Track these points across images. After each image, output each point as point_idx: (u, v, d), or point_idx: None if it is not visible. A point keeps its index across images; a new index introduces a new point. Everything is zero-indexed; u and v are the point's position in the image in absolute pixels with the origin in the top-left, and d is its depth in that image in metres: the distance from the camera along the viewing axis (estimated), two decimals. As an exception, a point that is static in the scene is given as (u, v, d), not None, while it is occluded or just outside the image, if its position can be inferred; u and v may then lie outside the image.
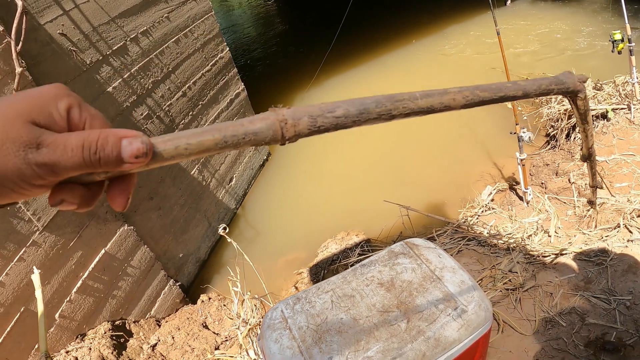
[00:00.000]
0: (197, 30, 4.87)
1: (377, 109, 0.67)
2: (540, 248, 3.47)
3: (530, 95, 0.85)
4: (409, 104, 0.70)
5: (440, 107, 0.73)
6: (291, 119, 0.61)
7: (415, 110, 0.71)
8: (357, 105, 0.66)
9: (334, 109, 0.64)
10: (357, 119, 0.66)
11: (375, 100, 0.68)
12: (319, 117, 0.63)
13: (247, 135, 0.58)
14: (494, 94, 0.79)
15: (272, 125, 0.60)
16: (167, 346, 3.53)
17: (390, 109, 0.69)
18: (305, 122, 0.62)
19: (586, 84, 0.95)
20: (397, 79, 7.61)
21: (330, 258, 4.36)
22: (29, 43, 3.03)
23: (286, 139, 0.61)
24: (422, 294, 1.77)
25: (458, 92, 0.76)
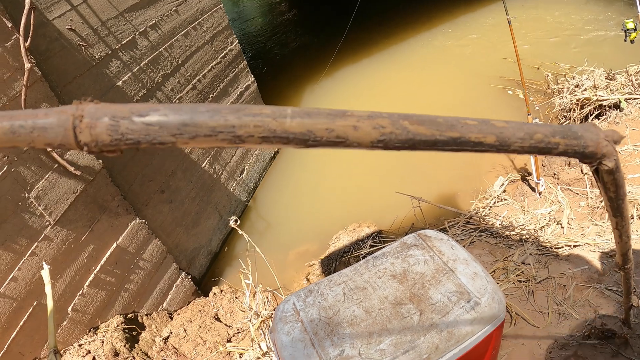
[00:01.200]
0: (206, 23, 4.86)
1: (210, 121, 0.47)
2: (553, 239, 3.44)
3: (512, 147, 0.55)
4: (268, 122, 0.48)
5: (327, 137, 0.49)
6: (89, 117, 0.46)
7: (278, 134, 0.48)
8: (182, 113, 0.47)
9: (147, 112, 0.47)
10: (179, 133, 0.47)
11: (212, 110, 0.48)
12: (124, 120, 0.46)
13: (35, 130, 0.46)
14: (437, 132, 0.52)
15: (64, 122, 0.46)
16: (179, 339, 3.55)
17: (233, 126, 0.47)
18: (104, 125, 0.46)
19: (618, 145, 0.45)
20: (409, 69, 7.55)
21: (341, 250, 4.36)
22: (38, 39, 3.04)
23: (82, 144, 0.47)
24: (434, 286, 1.75)
25: (366, 117, 0.50)
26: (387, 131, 0.50)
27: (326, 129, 0.49)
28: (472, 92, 6.26)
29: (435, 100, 6.48)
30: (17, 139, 0.46)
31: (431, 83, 7.00)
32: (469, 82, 6.55)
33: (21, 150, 2.81)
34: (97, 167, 3.31)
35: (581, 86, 4.89)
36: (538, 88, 5.85)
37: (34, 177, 2.89)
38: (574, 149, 0.58)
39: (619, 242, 0.80)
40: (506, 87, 6.06)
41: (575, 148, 0.57)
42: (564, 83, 5.23)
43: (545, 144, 0.55)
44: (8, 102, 2.73)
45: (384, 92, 7.12)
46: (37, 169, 2.92)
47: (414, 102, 6.60)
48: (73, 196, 3.14)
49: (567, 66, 5.85)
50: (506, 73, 6.34)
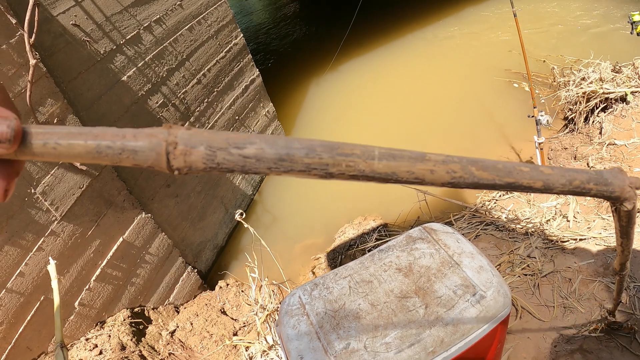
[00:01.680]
0: (210, 17, 4.86)
1: (306, 158, 0.50)
2: (558, 233, 3.43)
3: (555, 191, 0.63)
4: (359, 163, 0.51)
5: (407, 178, 0.54)
6: (183, 144, 0.48)
7: (366, 174, 0.52)
8: (278, 148, 0.49)
9: (244, 144, 0.49)
10: (274, 167, 0.49)
11: (307, 147, 0.50)
12: (221, 151, 0.48)
13: (125, 152, 0.47)
14: (497, 178, 0.58)
15: (156, 147, 0.47)
16: (185, 332, 3.57)
17: (327, 164, 0.51)
18: (200, 154, 0.48)
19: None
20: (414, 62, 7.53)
21: (347, 243, 4.36)
22: (42, 35, 3.05)
23: (174, 169, 0.48)
24: (440, 279, 1.75)
25: (441, 162, 0.55)
26: (457, 175, 0.56)
27: (407, 171, 0.54)
28: (477, 85, 6.24)
29: (440, 93, 6.46)
30: (102, 159, 0.47)
31: (436, 76, 6.98)
32: (475, 75, 6.52)
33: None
34: (103, 162, 3.32)
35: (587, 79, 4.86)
36: (544, 81, 5.82)
37: (39, 173, 2.90)
38: (603, 194, 0.68)
39: (620, 255, 0.93)
40: (512, 79, 6.04)
41: (604, 193, 0.68)
42: (570, 76, 5.20)
43: (581, 189, 0.65)
44: (13, 98, 2.74)
45: (390, 85, 7.11)
46: (43, 165, 2.93)
47: (419, 96, 6.59)
48: (79, 191, 3.16)
49: (573, 59, 5.82)
50: (512, 66, 6.31)
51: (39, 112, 2.89)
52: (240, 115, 5.36)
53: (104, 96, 3.55)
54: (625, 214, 0.75)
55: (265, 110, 5.94)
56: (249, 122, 5.56)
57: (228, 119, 5.13)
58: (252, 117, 5.63)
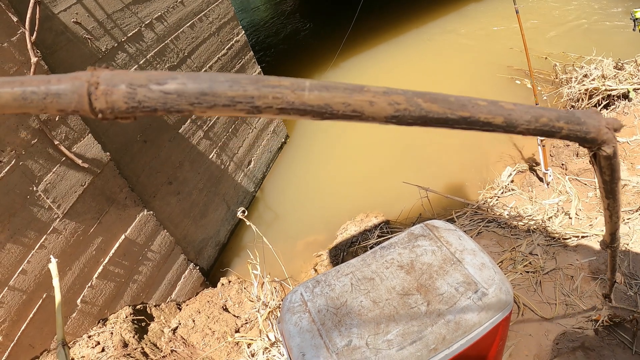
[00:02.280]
0: (211, 14, 4.85)
1: (229, 91, 0.47)
2: (560, 230, 3.43)
3: (518, 129, 0.57)
4: (286, 94, 0.48)
5: (342, 111, 0.49)
6: (105, 84, 0.46)
7: (296, 106, 0.48)
8: (201, 82, 0.47)
9: (165, 80, 0.47)
10: (197, 102, 0.47)
11: (231, 80, 0.48)
12: (141, 88, 0.46)
13: (49, 96, 0.45)
14: (448, 111, 0.53)
15: (78, 88, 0.45)
16: (187, 329, 3.57)
17: (252, 97, 0.47)
18: (121, 92, 0.46)
19: (618, 133, 0.47)
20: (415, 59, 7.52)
21: (349, 240, 4.36)
22: (44, 32, 3.05)
23: (97, 111, 0.46)
24: (442, 276, 1.75)
25: (382, 93, 0.50)
26: (402, 107, 0.51)
27: (343, 102, 0.49)
28: (479, 82, 6.23)
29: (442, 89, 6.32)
30: (28, 105, 0.45)
31: (438, 72, 6.97)
32: (477, 72, 6.51)
33: (29, 143, 2.83)
34: (105, 159, 3.33)
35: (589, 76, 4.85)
36: (546, 78, 5.81)
37: (41, 171, 2.91)
38: (576, 134, 0.60)
39: (609, 222, 0.82)
40: (514, 76, 6.02)
41: (577, 133, 0.60)
42: (572, 73, 5.19)
43: (549, 127, 0.58)
44: (16, 95, 2.74)
45: (392, 81, 7.09)
46: (45, 162, 2.93)
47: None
48: (81, 189, 3.16)
49: (576, 56, 5.80)
50: (514, 62, 6.30)
51: (40, 109, 2.89)
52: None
53: (105, 94, 3.54)
54: (606, 163, 0.66)
55: (266, 107, 5.93)
56: (251, 119, 5.55)
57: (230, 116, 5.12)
58: (253, 115, 5.62)
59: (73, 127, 3.11)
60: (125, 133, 3.71)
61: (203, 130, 4.64)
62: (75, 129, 3.13)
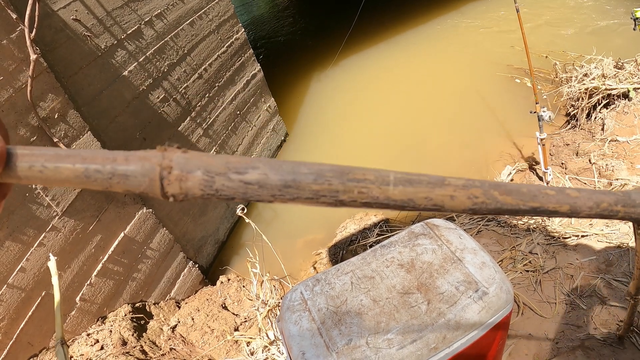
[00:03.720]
0: (211, 11, 4.84)
1: (314, 184, 0.46)
2: (560, 229, 3.43)
3: (581, 215, 0.59)
4: (372, 189, 0.47)
5: (424, 205, 0.49)
6: (178, 169, 0.44)
7: (380, 201, 0.48)
8: (284, 173, 0.45)
9: (245, 169, 0.45)
10: (279, 194, 0.45)
11: (316, 172, 0.46)
12: (220, 176, 0.45)
13: (115, 177, 0.44)
14: (521, 202, 0.53)
15: (149, 172, 0.44)
16: (186, 327, 3.57)
17: (337, 191, 0.46)
18: (197, 179, 0.44)
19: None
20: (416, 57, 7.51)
21: (349, 238, 4.36)
22: (43, 30, 3.04)
23: (168, 195, 0.45)
24: (442, 275, 1.75)
25: (461, 187, 0.51)
26: (479, 201, 0.51)
27: (425, 197, 0.49)
28: (479, 80, 6.22)
29: (442, 88, 6.45)
30: (91, 183, 0.44)
31: (439, 71, 6.96)
32: (477, 70, 6.50)
33: (28, 141, 2.82)
34: (104, 157, 3.31)
35: (589, 75, 4.84)
36: (546, 77, 5.80)
37: (41, 167, 2.89)
38: (631, 216, 0.63)
39: (638, 279, 0.90)
40: (514, 75, 6.02)
41: (632, 215, 0.63)
42: (572, 72, 5.18)
43: (608, 211, 0.60)
44: (14, 93, 2.74)
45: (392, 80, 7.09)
46: (45, 159, 2.92)
47: (421, 91, 6.57)
48: (80, 186, 3.15)
49: (576, 55, 5.80)
50: (514, 61, 6.29)
51: (39, 107, 2.89)
52: (241, 110, 5.35)
53: (105, 91, 3.54)
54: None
55: (266, 105, 5.93)
56: (250, 117, 5.55)
57: (229, 113, 5.12)
58: (253, 112, 5.62)
59: (72, 124, 3.11)
60: (124, 131, 3.70)
61: (202, 128, 4.64)
62: (75, 126, 3.12)
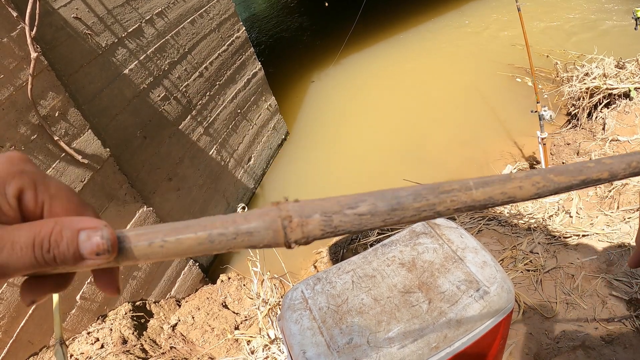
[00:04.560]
0: (212, 10, 4.84)
1: (415, 203, 0.52)
2: (561, 229, 3.42)
3: (618, 177, 0.63)
4: (460, 196, 0.53)
5: (502, 200, 0.55)
6: (297, 216, 0.48)
7: (468, 204, 0.54)
8: (388, 199, 0.51)
9: (356, 203, 0.50)
10: (389, 218, 0.51)
11: (413, 193, 0.52)
12: (336, 215, 0.49)
13: (239, 235, 0.47)
14: (572, 179, 0.59)
15: (271, 225, 0.47)
16: (187, 326, 3.57)
17: (434, 204, 0.52)
18: (316, 222, 0.48)
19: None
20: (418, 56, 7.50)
21: (349, 237, 4.35)
22: (44, 28, 3.03)
23: (291, 242, 0.49)
24: (443, 274, 1.75)
25: (525, 177, 0.57)
26: (541, 185, 0.57)
27: (501, 192, 0.55)
28: (480, 79, 6.22)
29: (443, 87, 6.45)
30: (214, 247, 0.46)
31: (440, 70, 6.96)
32: (478, 69, 6.50)
33: (28, 139, 2.82)
34: (105, 155, 3.32)
35: (591, 74, 4.84)
36: (547, 76, 5.80)
37: (41, 166, 2.90)
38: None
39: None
40: (515, 74, 6.01)
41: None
42: (573, 71, 5.18)
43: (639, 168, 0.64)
44: (14, 91, 2.73)
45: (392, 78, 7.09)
46: (45, 158, 2.92)
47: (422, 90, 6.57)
48: (81, 185, 3.15)
49: (577, 54, 5.79)
50: (515, 60, 6.29)
51: (40, 105, 2.88)
52: (242, 109, 5.35)
53: (105, 89, 3.53)
54: None
55: (267, 103, 5.92)
56: (251, 115, 5.54)
57: (230, 112, 5.11)
58: (254, 111, 5.61)
59: (73, 122, 3.10)
60: (125, 129, 3.70)
61: (203, 127, 4.63)
62: (75, 124, 3.12)
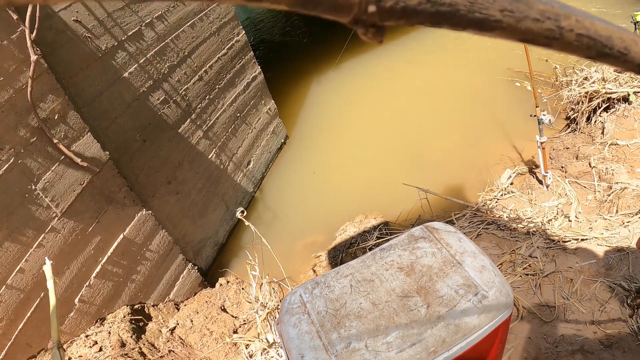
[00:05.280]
0: (212, 13, 4.84)
1: (540, 4, 0.42)
2: (560, 233, 3.42)
3: None
4: (584, 20, 0.45)
5: (618, 46, 0.47)
6: None
7: (590, 33, 0.45)
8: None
9: None
10: (509, 10, 0.41)
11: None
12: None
13: None
14: None
15: None
16: (185, 330, 3.56)
17: (559, 15, 0.43)
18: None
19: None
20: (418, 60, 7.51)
21: (348, 241, 4.35)
22: (44, 31, 3.04)
23: (370, 3, 0.37)
24: (442, 278, 1.75)
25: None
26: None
27: (619, 38, 0.47)
28: (480, 84, 6.23)
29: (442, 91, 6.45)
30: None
31: (440, 74, 6.96)
32: (477, 73, 6.51)
33: (28, 141, 2.82)
34: (104, 158, 3.32)
35: (590, 79, 4.85)
36: (546, 80, 5.81)
37: (40, 169, 2.90)
38: None
39: None
40: (514, 78, 6.02)
41: None
42: (572, 75, 5.19)
43: None
44: (14, 94, 2.73)
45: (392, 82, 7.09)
46: (44, 161, 2.92)
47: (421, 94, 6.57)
48: (80, 187, 3.15)
49: (576, 58, 5.80)
50: (514, 65, 6.29)
51: (39, 108, 2.88)
52: (241, 113, 5.35)
53: (105, 92, 3.54)
54: None
55: (266, 107, 5.93)
56: (251, 119, 5.55)
57: (229, 115, 5.12)
58: (253, 114, 5.62)
59: (72, 125, 3.11)
60: (124, 132, 3.70)
61: (202, 130, 4.63)
62: (75, 127, 3.12)
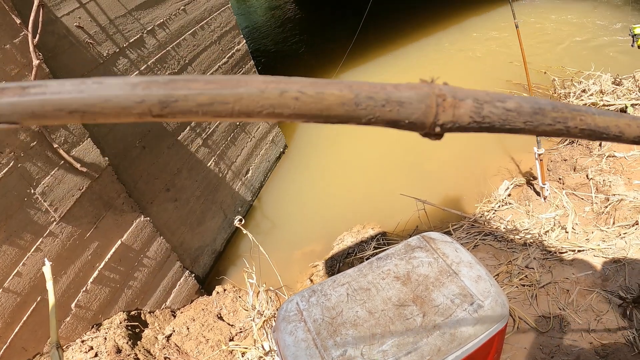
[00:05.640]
0: (213, 22, 4.87)
1: (553, 112, 0.51)
2: (557, 244, 3.43)
3: None
4: (587, 117, 0.53)
5: (614, 132, 0.55)
6: (451, 96, 0.45)
7: (591, 127, 0.53)
8: (531, 103, 0.50)
9: (504, 99, 0.48)
10: (530, 121, 0.49)
11: (551, 103, 0.52)
12: (487, 104, 0.47)
13: (388, 104, 0.42)
14: None
15: (424, 99, 0.44)
16: (181, 337, 3.56)
17: (567, 118, 0.51)
18: (468, 106, 0.46)
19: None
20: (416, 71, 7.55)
21: (345, 251, 4.36)
22: (46, 36, 3.06)
23: (437, 126, 0.45)
24: (438, 288, 1.75)
25: (633, 119, 0.57)
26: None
27: (615, 125, 0.55)
28: (478, 96, 6.24)
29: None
30: (356, 113, 0.42)
31: (438, 85, 6.98)
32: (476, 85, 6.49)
33: (28, 146, 2.83)
34: (103, 164, 3.33)
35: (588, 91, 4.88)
36: (544, 92, 5.84)
37: (40, 173, 2.91)
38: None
39: None
40: (513, 90, 6.05)
41: None
42: (570, 87, 5.22)
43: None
44: (16, 98, 2.74)
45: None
46: (43, 165, 2.93)
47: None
48: (78, 193, 3.16)
49: (574, 70, 5.84)
50: (513, 77, 6.33)
51: (40, 113, 2.89)
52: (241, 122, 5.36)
53: (105, 99, 3.55)
54: None
55: (266, 116, 5.94)
56: (250, 128, 5.57)
57: (229, 124, 5.14)
58: (252, 124, 5.63)
59: (72, 131, 3.12)
60: (124, 138, 3.72)
61: (202, 138, 4.65)
62: (75, 132, 3.13)
